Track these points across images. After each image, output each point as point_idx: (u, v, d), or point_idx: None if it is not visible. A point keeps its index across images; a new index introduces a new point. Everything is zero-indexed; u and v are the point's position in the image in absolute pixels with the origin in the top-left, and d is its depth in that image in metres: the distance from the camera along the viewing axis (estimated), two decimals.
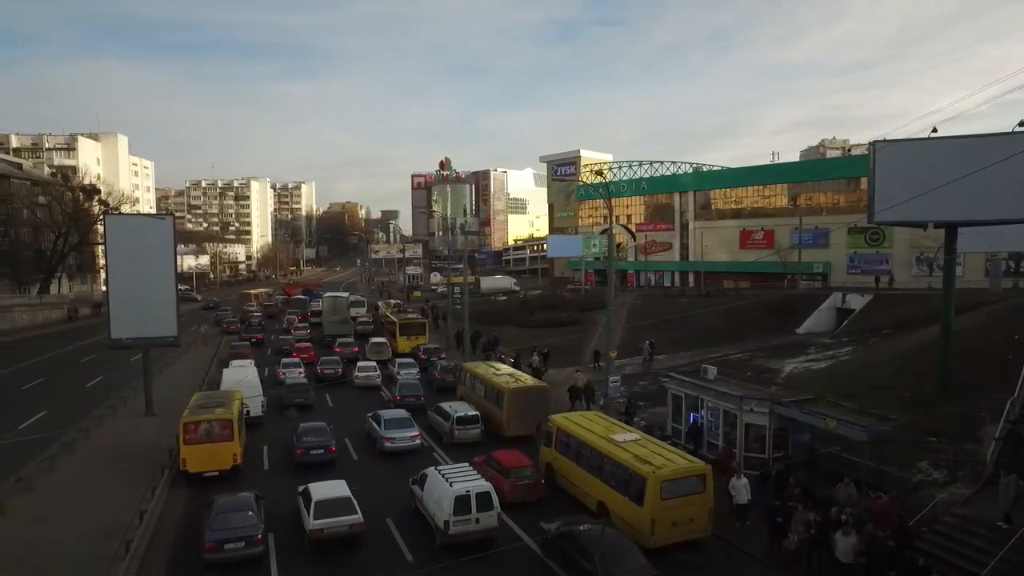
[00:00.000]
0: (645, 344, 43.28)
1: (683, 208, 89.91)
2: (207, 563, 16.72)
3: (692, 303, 61.70)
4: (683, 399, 26.80)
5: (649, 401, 34.39)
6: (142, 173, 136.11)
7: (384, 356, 45.02)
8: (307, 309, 70.74)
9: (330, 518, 17.78)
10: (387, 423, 27.03)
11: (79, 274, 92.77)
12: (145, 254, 30.52)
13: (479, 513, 18.05)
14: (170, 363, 43.57)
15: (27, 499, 20.78)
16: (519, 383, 29.81)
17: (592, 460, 20.77)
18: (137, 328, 30.62)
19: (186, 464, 23.08)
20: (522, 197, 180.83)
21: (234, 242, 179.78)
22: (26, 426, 29.95)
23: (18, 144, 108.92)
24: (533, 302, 72.83)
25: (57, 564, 16.67)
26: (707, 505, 18.43)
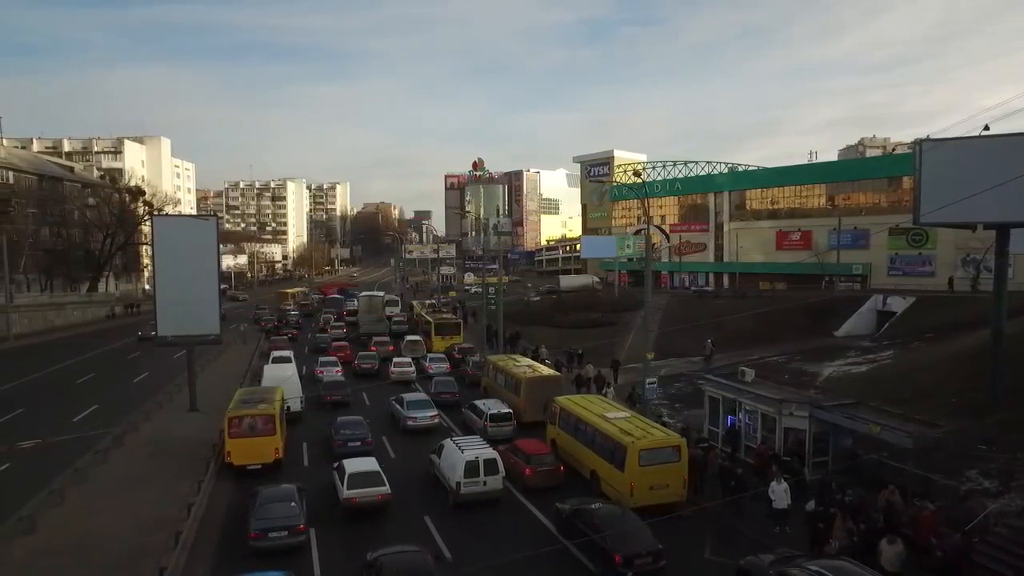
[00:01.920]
0: (707, 342, 43.11)
1: (718, 208, 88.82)
2: (252, 550, 17.41)
3: (727, 305, 61.03)
4: (720, 401, 26.57)
5: (685, 403, 34.22)
6: (183, 174, 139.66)
7: (419, 354, 45.70)
8: (343, 308, 71.77)
9: (361, 488, 19.80)
10: (409, 404, 30.48)
11: (124, 273, 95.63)
12: (190, 254, 31.27)
13: (486, 477, 21.00)
14: (212, 360, 44.67)
15: (83, 489, 21.61)
16: (535, 373, 32.05)
17: (587, 434, 23.41)
18: (181, 326, 31.46)
19: (231, 457, 23.91)
20: (555, 197, 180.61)
21: (271, 242, 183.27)
22: (80, 419, 31.13)
23: (69, 148, 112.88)
24: (567, 303, 72.73)
25: (112, 552, 17.30)
26: (681, 473, 20.86)
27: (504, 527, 19.82)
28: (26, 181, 77.08)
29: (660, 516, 18.08)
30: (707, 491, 21.79)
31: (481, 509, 20.97)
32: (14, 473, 23.41)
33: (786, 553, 15.86)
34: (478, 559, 17.19)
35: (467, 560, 17.27)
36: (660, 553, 16.35)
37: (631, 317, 60.25)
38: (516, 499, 21.99)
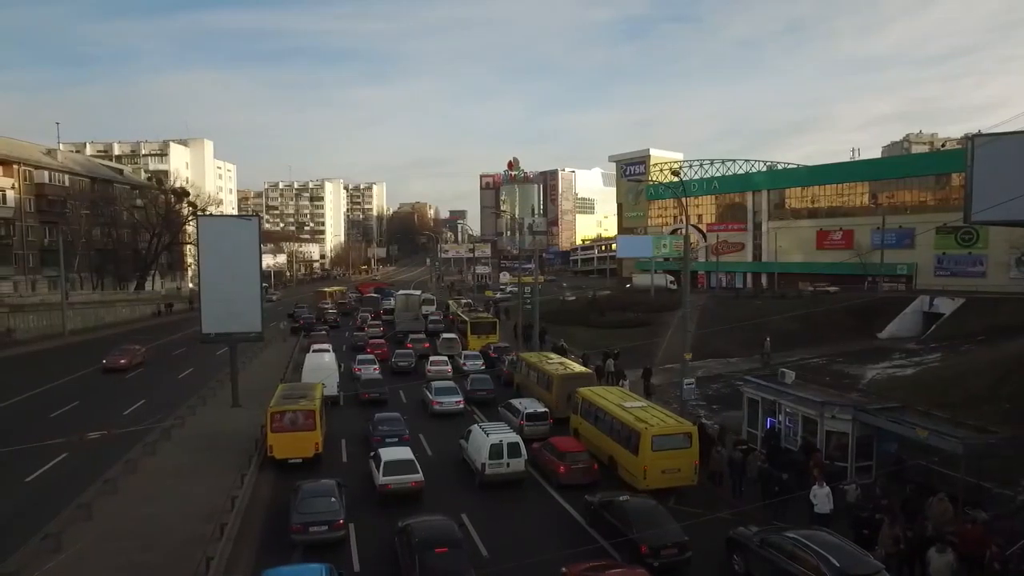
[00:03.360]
0: (766, 341, 42.61)
1: (756, 207, 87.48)
2: (293, 543, 17.87)
3: (766, 305, 59.97)
4: (759, 403, 26.14)
5: (723, 404, 33.82)
6: (225, 176, 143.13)
7: (455, 352, 46.15)
8: (380, 307, 72.63)
9: (396, 476, 20.81)
10: (437, 391, 32.92)
11: (169, 272, 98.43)
12: (232, 253, 31.96)
13: (510, 459, 22.52)
14: (253, 357, 45.67)
15: (134, 480, 22.41)
16: (567, 370, 32.63)
17: (606, 422, 24.72)
18: (225, 324, 32.24)
19: (272, 451, 24.49)
20: (590, 197, 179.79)
21: (309, 241, 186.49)
22: (129, 412, 32.24)
23: (119, 151, 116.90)
24: (602, 303, 72.38)
25: (162, 541, 17.90)
26: (692, 459, 22.06)
27: (536, 521, 20.17)
28: (80, 184, 79.96)
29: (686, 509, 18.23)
30: (747, 494, 21.52)
31: (514, 505, 21.24)
32: (71, 463, 24.38)
33: (772, 525, 17.54)
34: (512, 555, 17.34)
35: (502, 557, 17.40)
36: (685, 545, 16.74)
37: (667, 317, 59.62)
38: (548, 495, 22.23)
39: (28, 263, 71.21)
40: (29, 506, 20.64)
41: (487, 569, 16.47)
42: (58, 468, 24.05)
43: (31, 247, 71.74)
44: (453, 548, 15.68)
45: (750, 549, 16.52)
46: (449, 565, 15.17)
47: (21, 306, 58.94)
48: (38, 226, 72.65)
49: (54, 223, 71.79)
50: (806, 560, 14.88)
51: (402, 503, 20.18)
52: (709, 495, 22.10)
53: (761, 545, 16.22)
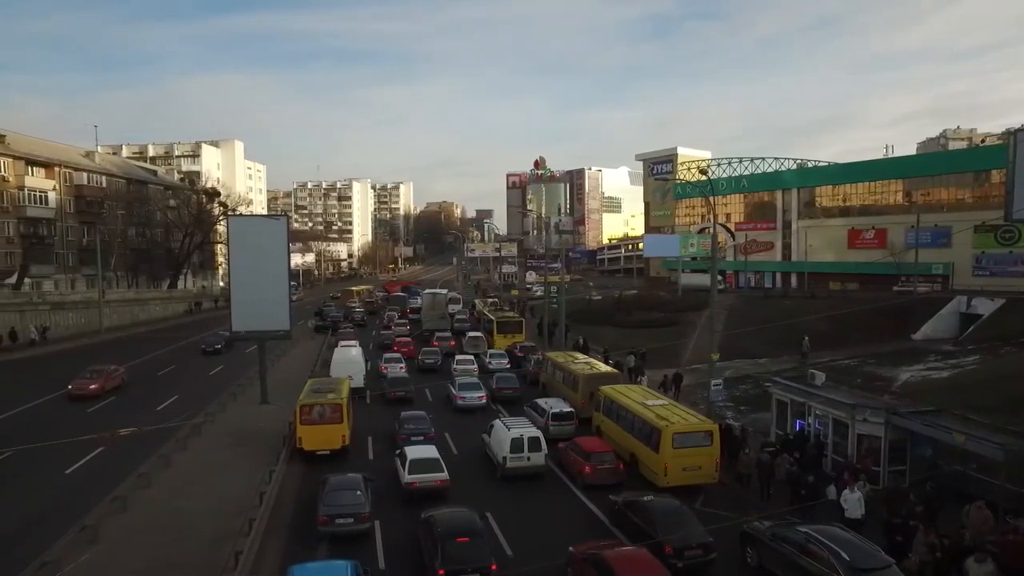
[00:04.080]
0: (804, 340, 42.05)
1: (786, 206, 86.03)
2: (320, 534, 18.34)
3: (796, 305, 59.03)
4: (788, 405, 25.77)
5: (751, 406, 33.39)
6: (255, 176, 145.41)
7: (480, 350, 46.34)
8: (406, 306, 73.12)
9: (421, 474, 21.02)
10: (460, 386, 33.83)
11: (201, 271, 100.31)
12: (262, 252, 32.38)
13: (530, 453, 23.17)
14: (282, 355, 46.33)
15: (167, 473, 22.93)
16: (593, 370, 32.68)
17: (628, 420, 24.96)
18: (254, 322, 32.71)
19: (301, 442, 25.27)
20: (617, 196, 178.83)
21: (337, 241, 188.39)
22: (163, 408, 32.97)
23: (154, 153, 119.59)
24: (629, 302, 71.96)
25: (193, 535, 18.28)
26: (713, 457, 22.27)
27: (560, 521, 20.21)
28: (116, 185, 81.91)
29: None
30: (775, 497, 21.21)
31: (539, 504, 21.27)
32: (107, 457, 25.07)
33: (784, 519, 17.87)
34: (536, 554, 17.37)
35: (526, 557, 17.43)
36: (710, 546, 16.66)
37: (695, 317, 59.10)
38: (573, 494, 22.25)
39: (68, 262, 73.19)
40: (69, 497, 21.34)
41: (511, 569, 16.50)
42: (95, 461, 24.76)
43: (71, 246, 73.71)
44: (475, 538, 16.00)
45: (763, 543, 16.74)
46: (470, 554, 15.47)
47: (61, 303, 60.62)
48: (77, 226, 74.61)
49: (92, 223, 73.64)
50: (817, 554, 15.11)
51: (427, 501, 20.29)
52: (737, 497, 21.86)
53: (774, 539, 16.45)
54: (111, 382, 36.81)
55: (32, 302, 57.55)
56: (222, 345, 50.32)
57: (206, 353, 49.33)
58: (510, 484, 23.11)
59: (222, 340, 50.38)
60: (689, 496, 20.75)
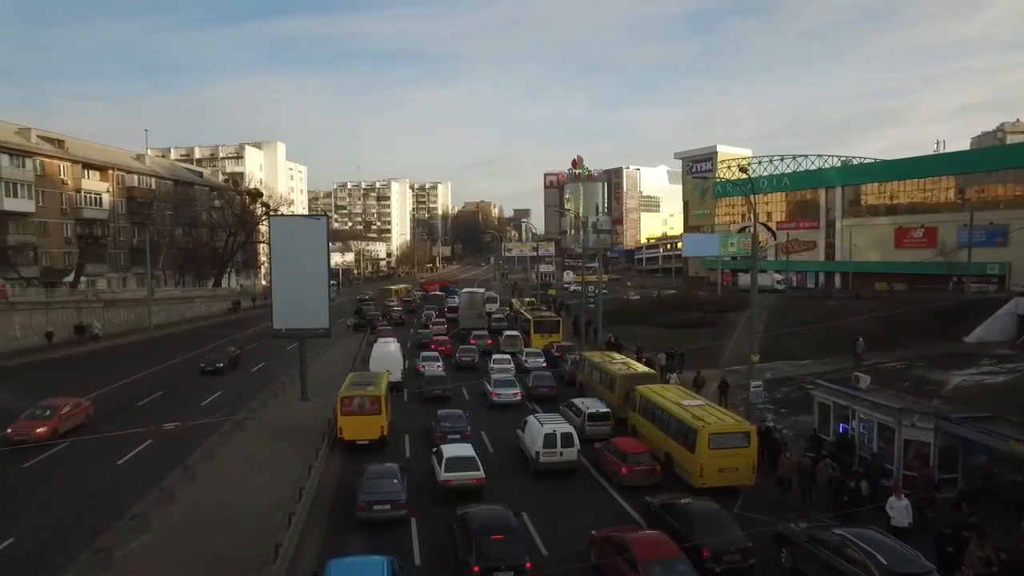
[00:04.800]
0: (858, 341, 41.12)
1: (829, 204, 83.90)
2: (359, 520, 19.22)
3: (840, 306, 57.46)
4: (831, 408, 25.16)
5: (792, 408, 32.68)
6: (296, 176, 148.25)
7: (517, 349, 46.44)
8: (444, 305, 73.69)
9: (457, 472, 21.21)
10: (496, 383, 34.46)
11: (244, 270, 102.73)
12: (303, 252, 32.93)
13: (563, 448, 23.58)
14: (321, 353, 47.11)
15: (210, 467, 23.57)
16: (630, 370, 32.52)
17: (663, 420, 24.89)
18: (294, 320, 33.28)
19: (342, 432, 26.56)
20: (655, 195, 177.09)
21: (376, 240, 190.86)
22: (207, 403, 33.92)
23: (200, 155, 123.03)
24: (667, 302, 71.14)
25: (235, 527, 18.75)
26: (751, 459, 21.98)
27: (596, 522, 19.81)
28: (164, 186, 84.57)
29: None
30: (816, 503, 20.72)
31: (575, 504, 21.22)
32: (156, 449, 25.95)
33: (819, 521, 17.67)
34: (574, 554, 17.35)
35: (561, 556, 17.43)
36: (749, 551, 16.37)
37: (734, 317, 58.08)
38: (609, 495, 22.13)
39: (120, 261, 75.86)
40: (121, 487, 22.19)
41: (547, 569, 16.50)
42: (145, 453, 25.67)
43: (122, 246, 76.35)
44: (509, 536, 16.08)
45: (798, 545, 16.51)
46: (505, 552, 15.55)
47: (114, 301, 62.93)
48: (128, 226, 77.23)
49: (142, 224, 76.19)
50: (854, 557, 14.79)
51: (463, 499, 20.42)
52: (777, 501, 21.43)
53: (809, 541, 16.21)
54: (69, 421, 28.08)
55: (87, 300, 59.90)
56: (225, 364, 42.52)
57: (205, 372, 41.46)
58: (545, 483, 23.14)
59: (225, 357, 43.33)
60: (727, 499, 20.45)
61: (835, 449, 23.44)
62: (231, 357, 43.85)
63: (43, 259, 64.36)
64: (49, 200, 65.43)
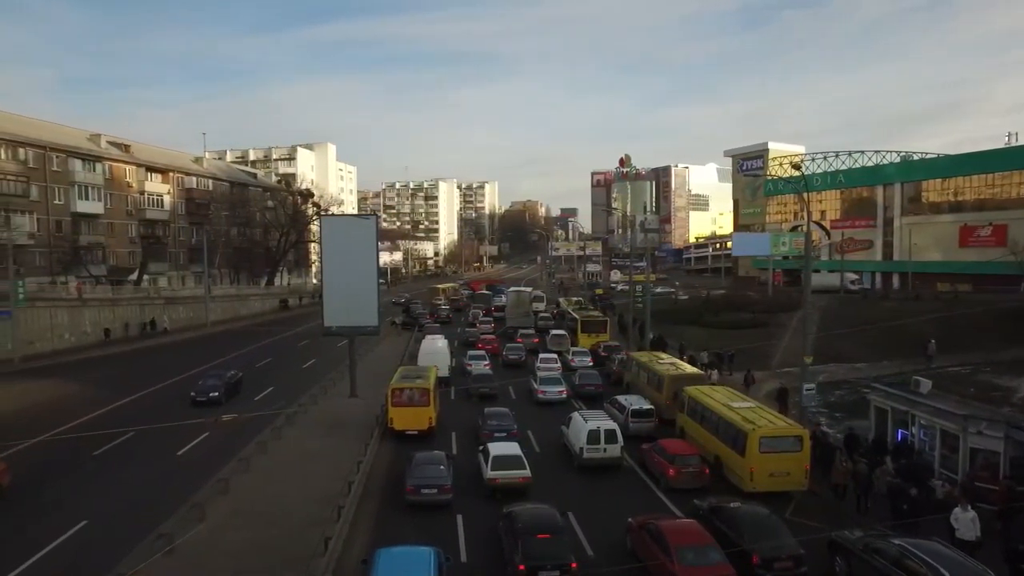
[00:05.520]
0: (930, 343, 39.79)
1: (887, 202, 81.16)
2: (407, 503, 20.31)
3: (898, 307, 55.45)
4: (889, 413, 24.27)
5: (847, 412, 31.72)
6: (346, 177, 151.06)
7: (564, 348, 46.36)
8: (491, 304, 73.98)
9: (504, 471, 21.37)
10: (542, 380, 34.93)
11: (296, 268, 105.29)
12: (353, 251, 33.48)
13: (606, 445, 23.80)
14: (369, 350, 47.87)
15: (263, 460, 24.24)
16: (678, 370, 32.24)
17: (712, 422, 24.49)
18: (344, 318, 33.84)
19: (393, 422, 27.74)
20: (704, 193, 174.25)
21: (423, 239, 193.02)
22: (260, 398, 35.01)
23: (254, 157, 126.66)
24: (716, 302, 69.85)
25: (287, 519, 19.24)
26: (803, 463, 21.48)
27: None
28: (221, 188, 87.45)
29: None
30: (873, 510, 20.01)
31: (621, 505, 20.99)
32: (212, 441, 26.94)
33: (875, 530, 17.03)
34: (619, 556, 17.25)
35: (606, 558, 17.32)
36: (801, 558, 15.94)
37: (786, 318, 56.66)
38: (656, 497, 21.94)
39: (179, 260, 78.82)
40: (180, 476, 23.13)
41: (592, 570, 16.43)
42: (201, 445, 26.69)
43: (181, 245, 79.32)
44: (555, 535, 16.08)
45: (853, 553, 15.88)
46: (551, 551, 15.55)
47: (173, 298, 65.50)
48: (187, 227, 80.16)
49: (200, 224, 78.91)
50: (914, 569, 14.10)
51: (509, 497, 20.46)
52: (830, 508, 20.80)
53: (865, 550, 15.55)
54: None
55: (149, 297, 62.53)
56: (221, 392, 33.52)
57: (197, 404, 32.54)
58: (591, 483, 23.06)
59: (221, 384, 34.25)
60: (779, 504, 19.92)
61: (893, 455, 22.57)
62: (230, 383, 35.17)
63: (110, 258, 67.43)
64: (116, 202, 68.50)
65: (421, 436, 27.18)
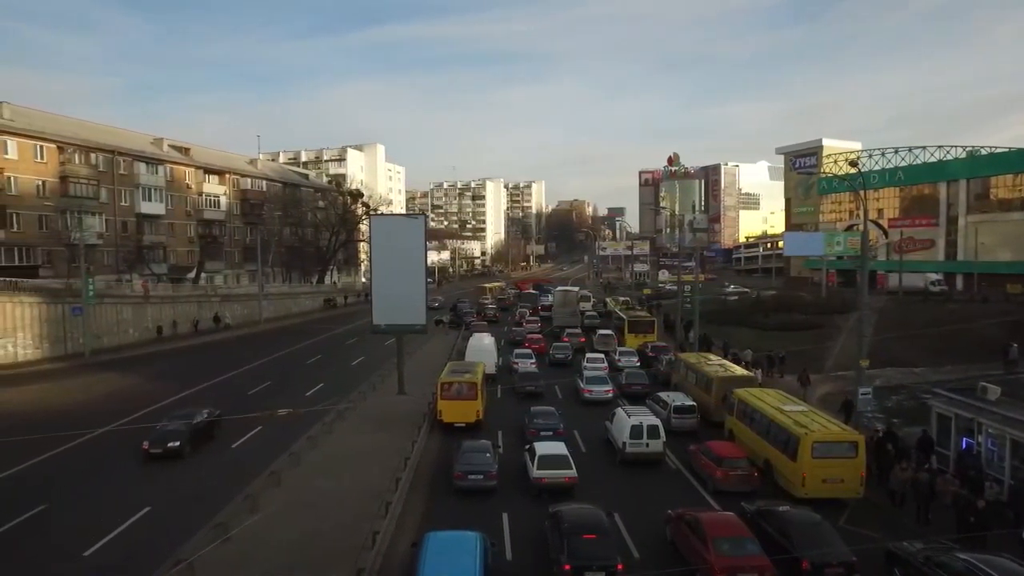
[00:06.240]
0: (1012, 346, 38.30)
1: (951, 199, 77.81)
2: (455, 488, 21.50)
3: (962, 310, 53.14)
4: (952, 420, 23.27)
5: (904, 418, 30.60)
6: (395, 177, 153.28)
7: (610, 348, 46.18)
8: (538, 303, 74.04)
9: (550, 470, 21.52)
10: (588, 379, 34.86)
11: (345, 267, 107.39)
12: (401, 250, 33.74)
13: (649, 439, 24.24)
14: (417, 349, 48.51)
15: (314, 455, 24.84)
16: (727, 372, 31.72)
17: (763, 425, 23.95)
18: (393, 316, 34.30)
19: (442, 415, 28.91)
20: (755, 192, 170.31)
21: (470, 239, 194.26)
22: (311, 394, 35.81)
23: (306, 158, 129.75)
24: (767, 303, 68.25)
25: (335, 513, 19.66)
26: (859, 470, 20.72)
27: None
28: (274, 188, 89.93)
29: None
30: (935, 521, 19.22)
31: (667, 507, 20.56)
32: (265, 435, 27.77)
33: (937, 542, 16.35)
34: (665, 559, 17.12)
35: (653, 561, 17.20)
36: (853, 566, 15.46)
37: (840, 320, 54.95)
38: (703, 499, 21.65)
39: (234, 259, 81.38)
40: (235, 468, 23.90)
41: (639, 572, 16.35)
42: (255, 438, 27.54)
43: (236, 245, 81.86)
44: (601, 535, 16.03)
45: (912, 566, 15.34)
46: (597, 551, 15.51)
47: (229, 296, 67.75)
48: (242, 226, 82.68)
49: (254, 223, 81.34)
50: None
51: (555, 497, 20.46)
52: (888, 518, 20.10)
53: (927, 563, 14.95)
54: None
55: (207, 294, 64.80)
56: (182, 442, 25.07)
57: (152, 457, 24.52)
58: (638, 484, 22.92)
59: (187, 430, 25.56)
60: (832, 511, 19.35)
61: (956, 465, 21.66)
62: (198, 428, 26.24)
63: (170, 257, 70.12)
64: (176, 203, 71.18)
65: (468, 428, 28.00)
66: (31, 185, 55.24)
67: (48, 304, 46.10)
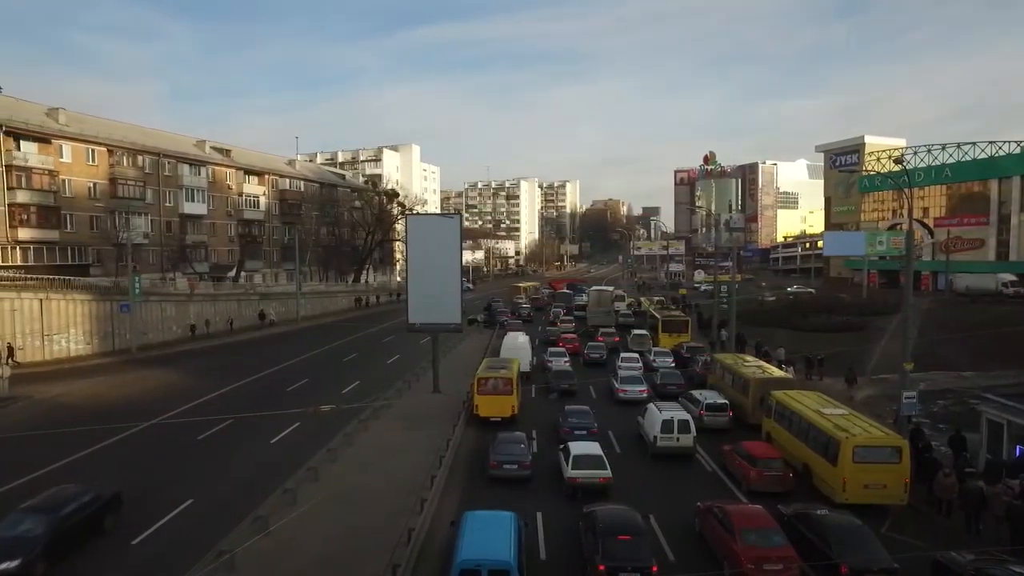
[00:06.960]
0: None
1: (1003, 197, 75.16)
2: (490, 477, 22.46)
3: (1014, 312, 51.29)
4: (1005, 427, 22.52)
5: (952, 424, 29.61)
6: (430, 177, 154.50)
7: (645, 348, 45.86)
8: (572, 303, 73.83)
9: (584, 470, 21.55)
10: (623, 379, 34.89)
11: (381, 266, 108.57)
12: (436, 249, 34.11)
13: (679, 434, 24.70)
14: (451, 348, 48.78)
15: (350, 451, 25.22)
16: (764, 374, 31.32)
17: (801, 428, 23.53)
18: (428, 315, 34.59)
19: (478, 409, 29.68)
20: (793, 191, 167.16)
21: (504, 238, 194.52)
22: (346, 392, 36.28)
23: (342, 159, 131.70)
24: (805, 304, 66.89)
25: (371, 508, 19.97)
26: (902, 476, 20.09)
27: None
28: (311, 189, 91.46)
29: None
30: (985, 533, 18.61)
31: None
32: (303, 431, 28.26)
33: (988, 553, 15.82)
34: (700, 562, 16.92)
35: (687, 563, 17.05)
36: (895, 572, 15.21)
37: (883, 322, 53.54)
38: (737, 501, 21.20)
39: (272, 258, 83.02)
40: (274, 463, 24.43)
41: (673, 574, 16.24)
42: (293, 434, 28.05)
43: (275, 244, 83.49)
44: (636, 537, 16.00)
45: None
46: (631, 552, 15.49)
47: (267, 294, 69.20)
48: (280, 226, 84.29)
49: (291, 223, 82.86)
50: None
51: (589, 497, 20.41)
52: (933, 526, 19.53)
53: (977, 575, 14.39)
54: None
55: (247, 292, 66.27)
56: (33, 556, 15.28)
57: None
58: (672, 485, 22.77)
59: (42, 533, 15.79)
60: (873, 518, 18.87)
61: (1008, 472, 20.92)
62: (62, 524, 16.51)
63: (211, 256, 71.87)
64: (217, 203, 72.95)
65: (504, 423, 28.68)
66: (83, 187, 57.33)
67: (98, 301, 47.71)
